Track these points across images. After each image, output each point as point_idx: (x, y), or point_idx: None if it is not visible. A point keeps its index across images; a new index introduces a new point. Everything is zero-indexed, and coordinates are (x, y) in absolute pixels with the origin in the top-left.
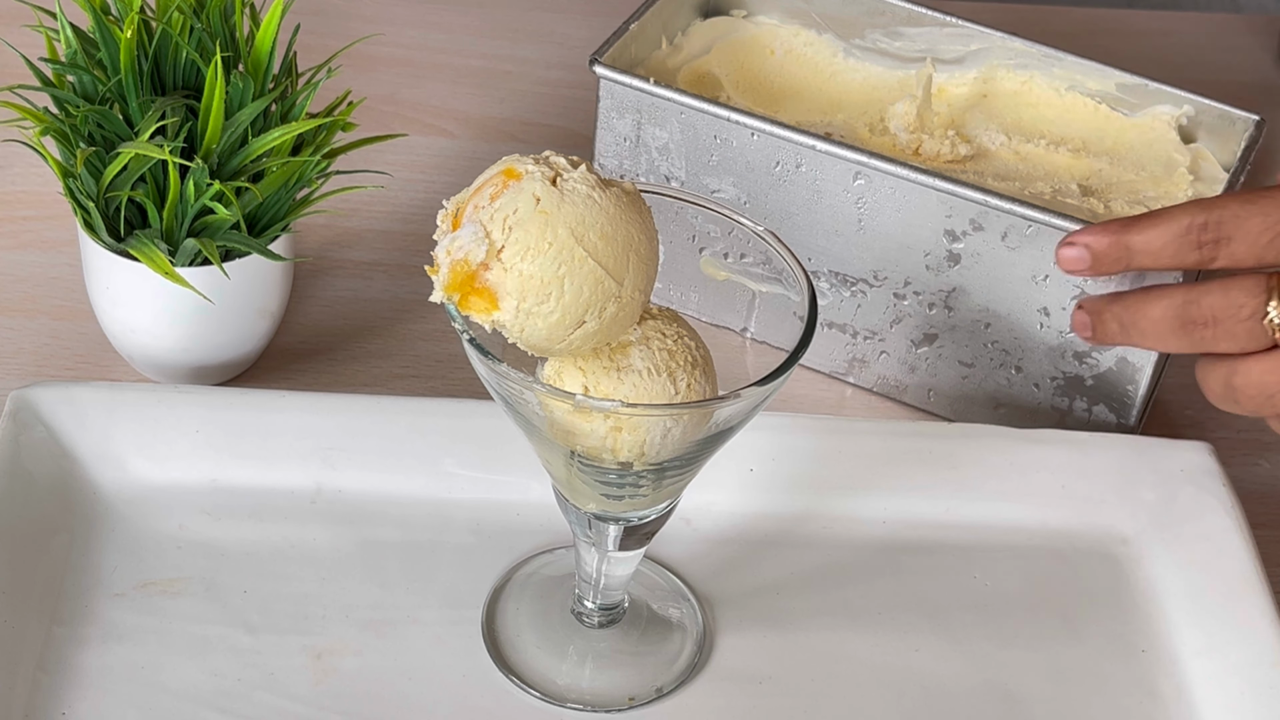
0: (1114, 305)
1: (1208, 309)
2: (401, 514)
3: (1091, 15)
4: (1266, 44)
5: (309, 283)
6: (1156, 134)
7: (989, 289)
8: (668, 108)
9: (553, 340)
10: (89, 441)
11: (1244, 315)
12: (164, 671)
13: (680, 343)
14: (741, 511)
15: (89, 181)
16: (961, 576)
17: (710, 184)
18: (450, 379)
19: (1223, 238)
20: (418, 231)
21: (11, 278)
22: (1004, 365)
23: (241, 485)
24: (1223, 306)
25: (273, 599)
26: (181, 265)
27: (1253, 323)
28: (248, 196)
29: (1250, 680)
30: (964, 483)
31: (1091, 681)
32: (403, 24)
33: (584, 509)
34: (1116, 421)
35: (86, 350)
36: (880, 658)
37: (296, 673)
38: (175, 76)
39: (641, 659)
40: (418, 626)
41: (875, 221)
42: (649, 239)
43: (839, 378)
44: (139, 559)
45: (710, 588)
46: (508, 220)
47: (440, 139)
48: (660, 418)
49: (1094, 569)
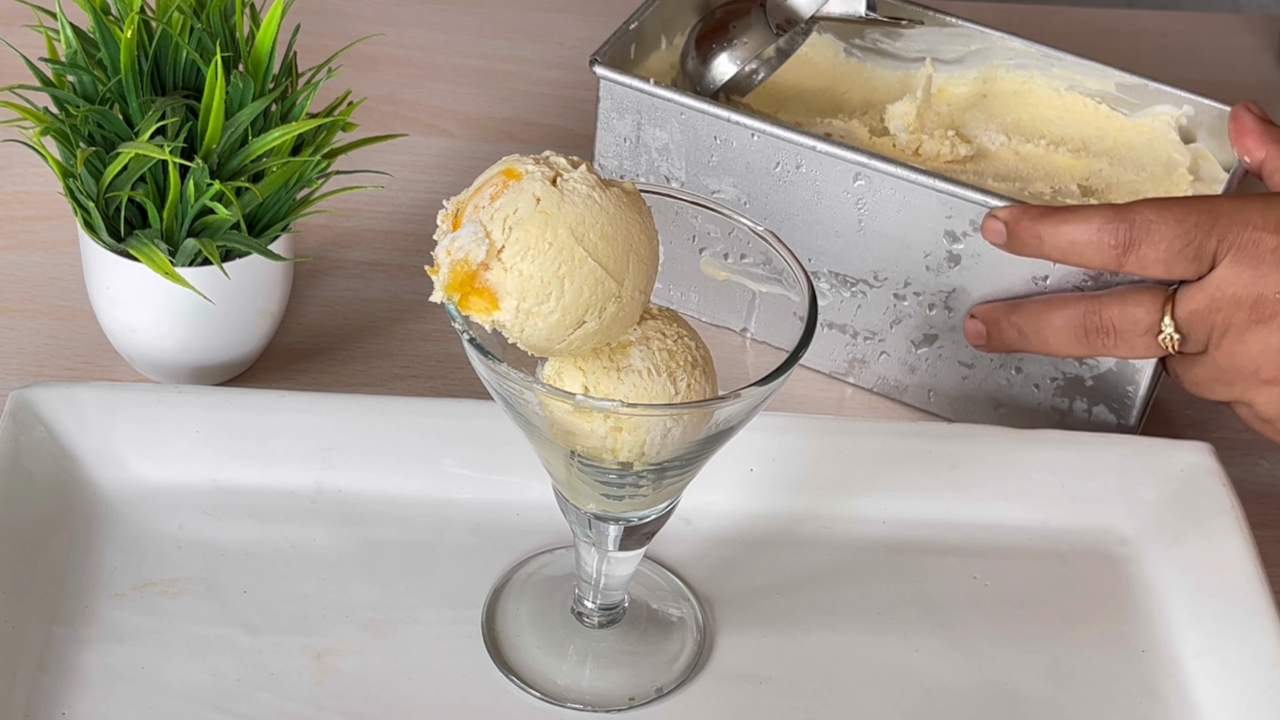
0: (1013, 314)
1: (1107, 320)
2: (401, 514)
3: (1091, 15)
4: (1266, 44)
5: (309, 283)
6: (1156, 134)
7: (989, 290)
8: (668, 108)
9: (553, 340)
10: (89, 441)
11: (1140, 330)
12: (164, 671)
13: (680, 343)
14: (741, 511)
15: (89, 181)
16: (961, 576)
17: (710, 184)
18: (450, 379)
19: (1133, 243)
20: (418, 231)
21: (11, 278)
22: (1004, 366)
23: (241, 485)
24: (1121, 320)
25: (273, 599)
26: (181, 265)
27: (1148, 338)
28: (248, 196)
29: (1250, 680)
30: (964, 483)
31: (1091, 681)
32: (403, 24)
33: (584, 509)
34: (1116, 422)
35: (86, 350)
36: (880, 658)
37: (296, 673)
38: (175, 76)
39: (641, 659)
40: (418, 626)
41: (875, 222)
42: (649, 239)
43: (839, 378)
44: (139, 559)
45: (710, 588)
46: (508, 220)
47: (440, 139)
48: (660, 418)
49: (1094, 569)
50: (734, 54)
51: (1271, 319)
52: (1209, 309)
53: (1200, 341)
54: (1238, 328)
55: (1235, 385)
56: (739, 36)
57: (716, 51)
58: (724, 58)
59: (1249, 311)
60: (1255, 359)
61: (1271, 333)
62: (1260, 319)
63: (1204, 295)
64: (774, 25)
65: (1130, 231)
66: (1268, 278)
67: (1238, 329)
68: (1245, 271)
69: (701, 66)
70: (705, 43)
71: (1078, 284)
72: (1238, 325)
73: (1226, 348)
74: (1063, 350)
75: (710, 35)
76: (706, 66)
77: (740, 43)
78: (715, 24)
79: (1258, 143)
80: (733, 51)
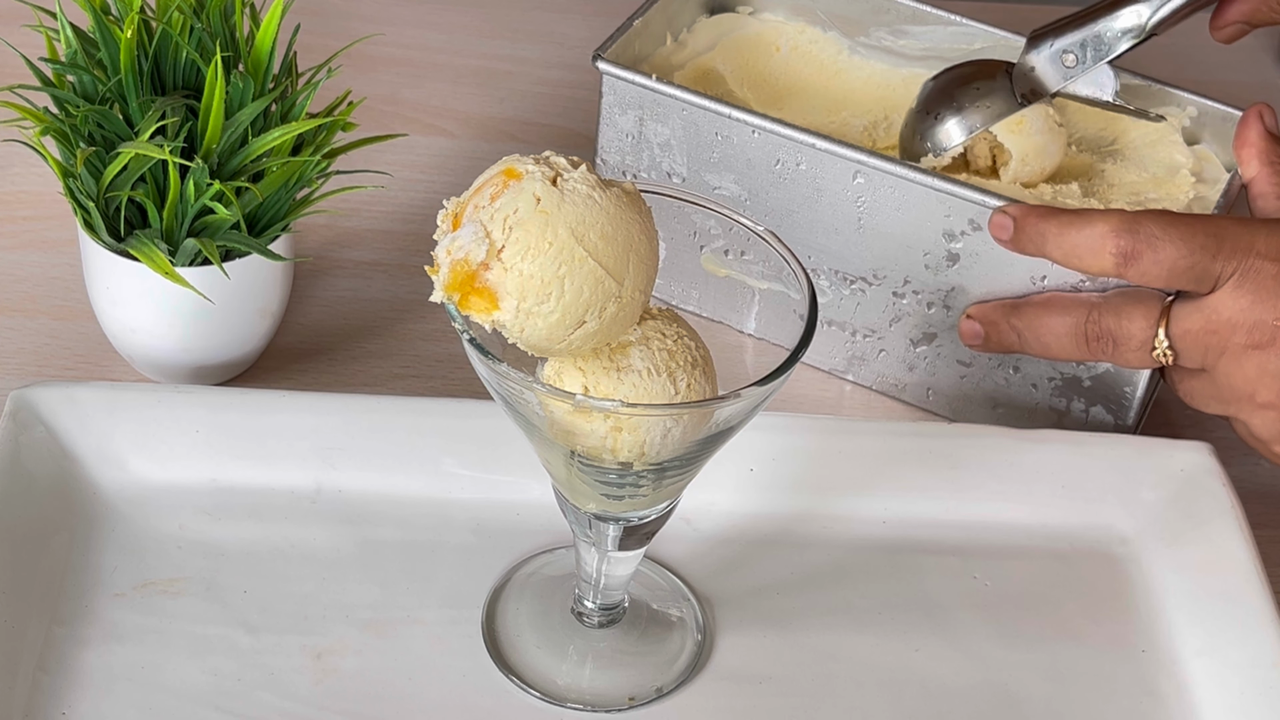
0: (1012, 317)
1: (1105, 329)
2: (401, 514)
3: None
4: (1266, 44)
5: (309, 283)
6: (1160, 135)
7: (987, 289)
8: (669, 104)
9: (553, 340)
10: (89, 441)
11: (1134, 345)
12: (164, 671)
13: (680, 343)
14: (741, 511)
15: (89, 181)
16: (961, 576)
17: (711, 181)
18: (450, 379)
19: (1135, 255)
20: (418, 231)
21: (11, 278)
22: (1001, 365)
23: (241, 485)
24: (1117, 331)
25: (273, 599)
26: (181, 265)
27: (1142, 352)
28: (248, 196)
29: (1250, 680)
30: (964, 483)
31: (1091, 681)
32: (403, 24)
33: (584, 509)
34: (1114, 423)
35: (86, 350)
36: (880, 658)
37: (296, 673)
38: (175, 76)
39: (641, 659)
40: (418, 626)
41: (875, 220)
42: (649, 239)
43: (838, 375)
44: (139, 559)
45: (710, 588)
46: (508, 220)
47: (440, 139)
48: (660, 418)
49: (1094, 569)
50: (969, 118)
51: (1269, 345)
52: (1204, 330)
53: (1195, 359)
54: (1234, 351)
55: (1230, 404)
56: (983, 99)
57: (955, 109)
58: (958, 119)
59: (1245, 335)
60: (1252, 382)
61: (1269, 358)
62: (1257, 344)
63: (1200, 316)
64: (1019, 95)
65: (1135, 243)
66: (1266, 304)
67: (1234, 352)
68: (1244, 297)
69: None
70: (943, 97)
71: (1075, 284)
72: (1234, 348)
73: (1223, 369)
74: (1061, 355)
75: (951, 90)
76: (939, 121)
77: (983, 105)
78: (960, 78)
79: (1255, 158)
80: (968, 115)
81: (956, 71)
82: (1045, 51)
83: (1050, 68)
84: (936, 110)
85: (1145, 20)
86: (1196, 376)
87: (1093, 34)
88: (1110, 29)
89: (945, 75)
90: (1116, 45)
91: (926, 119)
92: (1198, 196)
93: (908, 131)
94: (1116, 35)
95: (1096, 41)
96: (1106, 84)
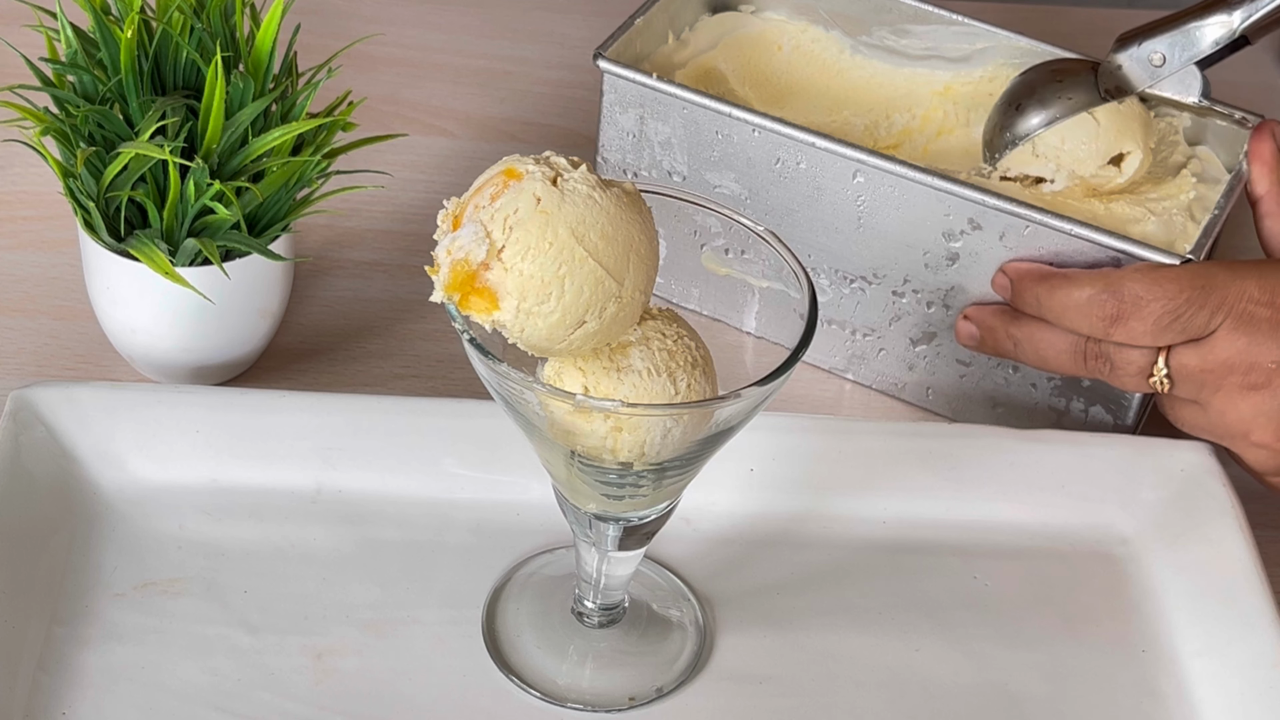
0: (1011, 326)
1: (1105, 351)
2: (401, 514)
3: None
4: (1267, 44)
5: (309, 283)
6: (1160, 135)
7: (986, 289)
8: (670, 103)
9: (553, 340)
10: (89, 441)
11: (1133, 370)
12: (164, 671)
13: (680, 343)
14: (741, 511)
15: (89, 181)
16: (961, 576)
17: (712, 179)
18: (450, 379)
19: (1120, 317)
20: (418, 231)
21: (11, 278)
22: (1001, 365)
23: (241, 485)
24: (1116, 355)
25: (273, 599)
26: (181, 265)
27: (1139, 377)
28: (248, 196)
29: (1250, 680)
30: (964, 483)
31: (1091, 681)
32: (403, 24)
33: (584, 509)
34: (1114, 423)
35: (86, 350)
36: (880, 658)
37: (296, 673)
38: (175, 76)
39: (641, 659)
40: (418, 626)
41: (875, 219)
42: (649, 239)
43: (838, 374)
44: (139, 559)
45: (710, 588)
46: (508, 220)
47: (440, 139)
48: (660, 418)
49: (1094, 569)
50: (1052, 107)
51: (1264, 387)
52: (1201, 368)
53: (1192, 392)
54: (1229, 390)
55: (1224, 439)
56: (1066, 92)
57: (1037, 101)
58: (1040, 106)
59: (1241, 376)
60: (1246, 422)
61: (1264, 400)
62: (1253, 386)
63: (1198, 355)
64: (1103, 90)
65: (1119, 306)
66: (1262, 346)
67: (1229, 391)
68: (1240, 339)
69: (1015, 113)
70: (1026, 89)
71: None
72: (1229, 388)
73: (1218, 406)
74: (1059, 369)
75: (1035, 83)
76: (1020, 113)
77: (1065, 98)
78: (1045, 75)
79: (1265, 176)
80: (1051, 105)
81: (1043, 66)
82: (1133, 51)
83: (1137, 67)
84: (1019, 101)
85: (1235, 25)
86: (1191, 408)
87: (1181, 35)
88: (1200, 31)
89: (1031, 70)
90: (1205, 48)
91: (1009, 111)
92: (1198, 196)
93: (990, 125)
94: (1205, 38)
95: (1185, 43)
96: (1194, 85)
